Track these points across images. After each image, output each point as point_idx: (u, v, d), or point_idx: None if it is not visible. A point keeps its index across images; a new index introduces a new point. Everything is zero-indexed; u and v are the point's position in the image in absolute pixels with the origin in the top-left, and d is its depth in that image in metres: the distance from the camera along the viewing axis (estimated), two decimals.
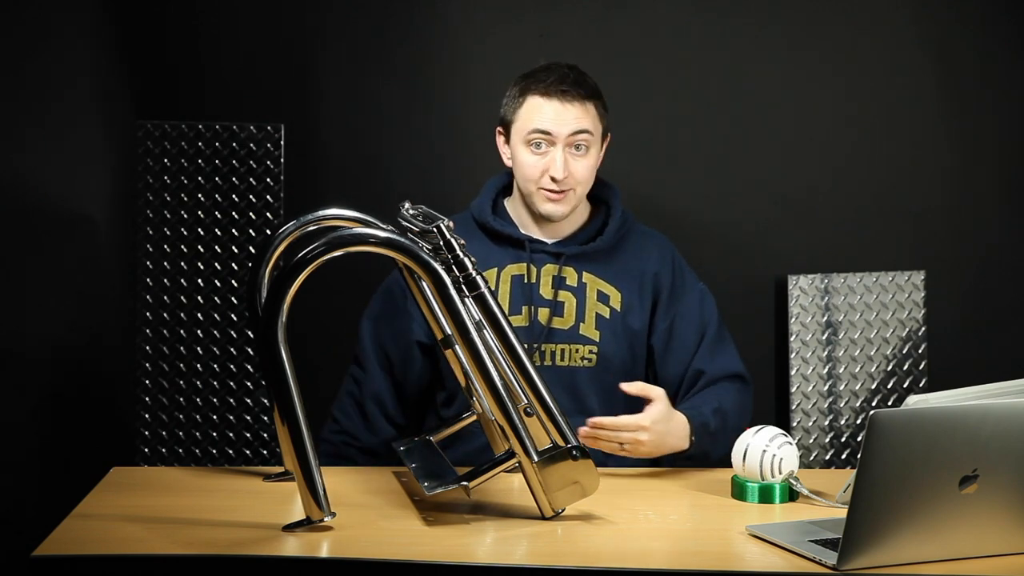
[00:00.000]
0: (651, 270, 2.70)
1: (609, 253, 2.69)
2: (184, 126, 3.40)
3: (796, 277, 3.48)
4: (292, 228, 2.36)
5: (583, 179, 2.63)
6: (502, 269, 2.64)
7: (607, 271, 2.67)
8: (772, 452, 2.22)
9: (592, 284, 2.64)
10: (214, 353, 3.39)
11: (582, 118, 2.61)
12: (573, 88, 2.61)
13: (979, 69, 3.53)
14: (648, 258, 2.71)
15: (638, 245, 2.73)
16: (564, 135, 2.59)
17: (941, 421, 1.84)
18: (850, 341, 3.49)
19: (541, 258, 2.64)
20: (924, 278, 3.52)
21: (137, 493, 2.26)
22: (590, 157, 2.64)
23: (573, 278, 2.64)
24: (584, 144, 2.61)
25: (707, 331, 2.69)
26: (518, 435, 2.07)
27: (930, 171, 3.55)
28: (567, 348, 2.61)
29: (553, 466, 2.07)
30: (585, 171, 2.63)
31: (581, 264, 2.65)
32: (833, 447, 3.48)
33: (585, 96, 2.63)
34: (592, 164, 2.66)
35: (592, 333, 2.62)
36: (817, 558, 1.88)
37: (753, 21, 3.51)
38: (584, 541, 2.03)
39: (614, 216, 2.71)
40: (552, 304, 2.61)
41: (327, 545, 1.96)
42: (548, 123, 2.59)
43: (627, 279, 2.67)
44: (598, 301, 2.63)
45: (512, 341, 2.15)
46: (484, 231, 2.69)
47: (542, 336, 2.61)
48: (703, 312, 2.71)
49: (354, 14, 3.45)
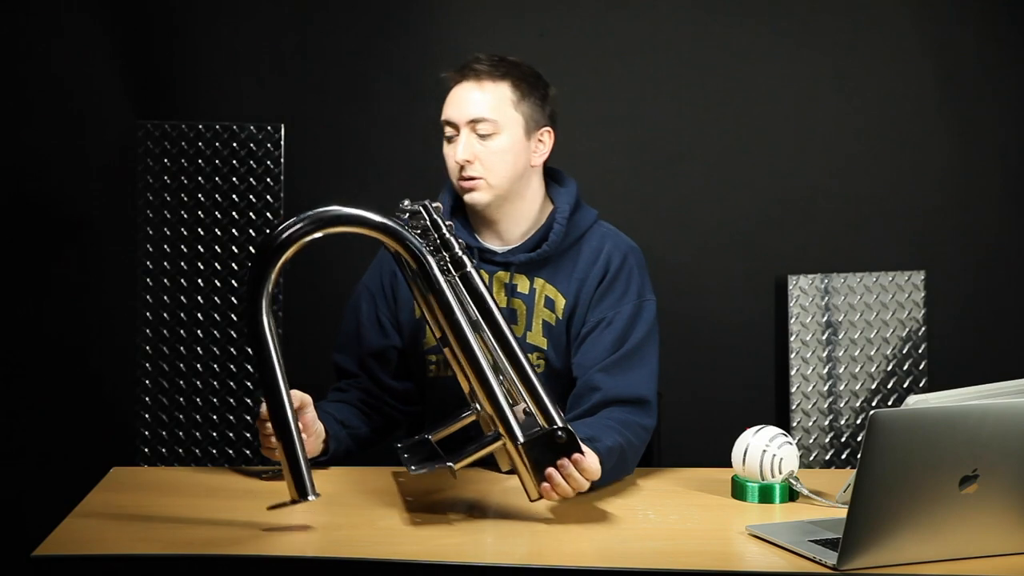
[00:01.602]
0: (595, 275, 2.55)
1: (558, 257, 2.55)
2: (184, 126, 3.39)
3: (796, 277, 3.48)
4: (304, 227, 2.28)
5: (492, 166, 2.48)
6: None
7: (555, 276, 2.54)
8: (772, 452, 2.22)
9: (541, 290, 2.53)
10: (214, 353, 3.39)
11: (481, 102, 2.48)
12: (481, 68, 2.49)
13: (979, 69, 3.53)
14: (596, 263, 2.55)
15: (591, 249, 2.57)
16: (463, 121, 2.50)
17: (941, 421, 1.84)
18: (850, 341, 3.49)
19: (492, 267, 2.57)
20: (924, 278, 3.52)
21: (137, 493, 2.26)
22: (498, 142, 2.48)
23: (525, 285, 2.54)
24: (487, 131, 2.47)
25: (624, 346, 2.49)
26: (502, 416, 2.05)
27: (930, 171, 3.55)
28: None
29: (538, 448, 2.05)
30: (493, 157, 2.48)
31: (533, 270, 2.54)
32: (833, 447, 3.48)
33: (494, 77, 2.49)
34: (501, 148, 2.49)
35: (539, 340, 2.53)
36: (817, 558, 1.88)
37: (753, 21, 3.51)
38: (584, 541, 2.03)
39: (559, 221, 2.55)
40: (506, 312, 2.54)
41: (327, 545, 1.96)
42: (449, 110, 2.50)
43: (572, 285, 2.54)
44: (545, 307, 2.53)
45: (498, 320, 2.12)
46: None
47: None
48: (630, 324, 2.51)
49: (354, 14, 3.45)
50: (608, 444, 2.26)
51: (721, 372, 3.57)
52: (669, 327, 3.57)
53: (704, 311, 3.57)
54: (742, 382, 3.56)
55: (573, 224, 2.57)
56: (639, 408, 2.44)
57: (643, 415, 2.44)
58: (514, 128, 2.50)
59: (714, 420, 3.47)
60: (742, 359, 3.57)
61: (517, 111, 2.51)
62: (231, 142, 3.40)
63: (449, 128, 2.50)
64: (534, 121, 2.53)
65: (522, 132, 2.52)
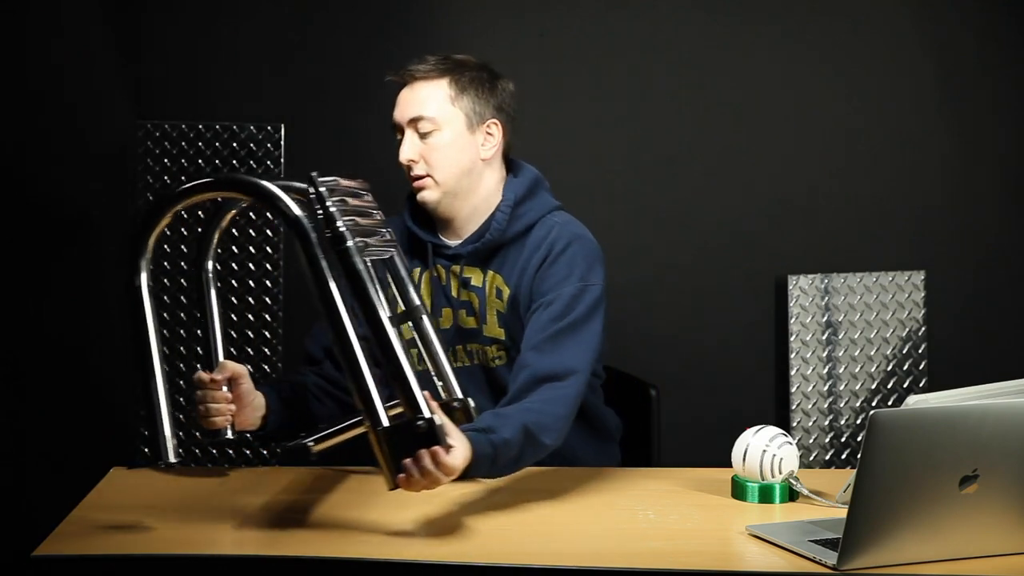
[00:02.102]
0: (536, 260, 2.51)
1: (508, 246, 2.53)
2: (184, 126, 3.40)
3: (796, 277, 3.48)
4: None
5: (436, 163, 2.48)
6: (423, 272, 2.59)
7: (503, 266, 2.53)
8: (772, 452, 2.22)
9: (492, 281, 2.53)
10: None
11: (417, 100, 2.48)
12: (420, 67, 2.49)
13: (979, 69, 3.54)
14: (538, 248, 2.51)
15: (538, 236, 2.53)
16: (404, 121, 2.51)
17: (941, 421, 1.84)
18: (850, 341, 3.49)
19: (445, 261, 2.57)
20: (924, 278, 3.52)
21: (137, 493, 2.26)
22: (438, 138, 2.48)
23: (478, 277, 2.54)
24: (427, 129, 2.47)
25: (561, 321, 2.42)
26: (366, 399, 1.98)
27: (930, 171, 3.55)
28: (481, 349, 2.55)
29: (398, 437, 1.97)
30: (436, 154, 2.48)
31: (483, 263, 2.54)
32: (833, 447, 3.48)
33: (432, 75, 2.49)
34: (443, 145, 2.48)
35: (496, 332, 2.53)
36: (817, 558, 1.88)
37: (753, 21, 3.51)
38: (584, 541, 2.03)
39: (502, 208, 2.52)
40: (463, 304, 2.55)
41: (327, 545, 1.96)
42: (394, 112, 2.51)
43: (515, 273, 2.52)
44: (496, 299, 2.53)
45: (372, 303, 2.03)
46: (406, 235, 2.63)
47: (459, 337, 2.56)
48: (570, 304, 2.44)
49: (354, 14, 3.45)
50: (505, 436, 2.19)
51: (721, 372, 3.57)
52: (670, 327, 3.59)
53: (704, 311, 3.57)
54: (742, 382, 3.57)
55: (518, 214, 2.53)
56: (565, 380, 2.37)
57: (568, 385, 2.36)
58: (454, 124, 2.49)
59: (714, 420, 3.48)
60: (742, 359, 3.57)
61: (456, 107, 2.49)
62: (231, 142, 3.40)
63: (397, 131, 2.51)
64: (476, 115, 2.50)
65: (464, 127, 2.50)
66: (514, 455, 2.22)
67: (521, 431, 2.23)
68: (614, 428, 2.68)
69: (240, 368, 2.33)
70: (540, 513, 2.17)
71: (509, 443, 2.20)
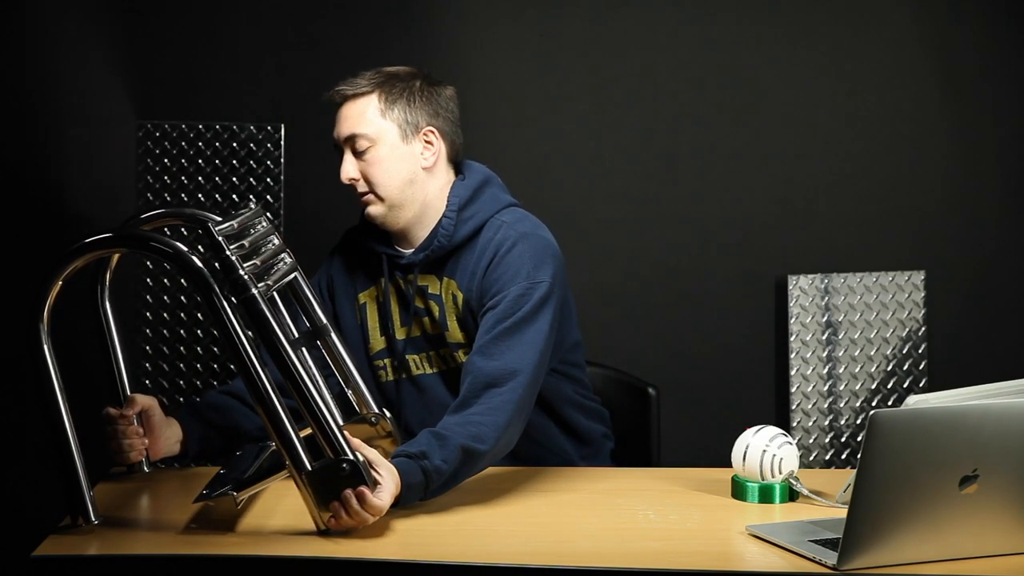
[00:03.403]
0: (483, 264, 2.48)
1: (460, 251, 2.51)
2: (184, 126, 3.40)
3: (796, 277, 3.48)
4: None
5: (376, 179, 2.46)
6: (388, 283, 2.57)
7: (456, 271, 2.51)
8: (772, 452, 2.22)
9: (447, 288, 2.51)
10: (214, 353, 3.39)
11: (347, 120, 2.48)
12: (345, 87, 2.49)
13: (979, 69, 3.54)
14: (484, 252, 2.48)
15: (486, 239, 2.49)
16: (340, 139, 2.51)
17: (941, 421, 1.84)
18: (850, 341, 3.49)
19: (401, 272, 2.55)
20: (924, 278, 3.52)
21: (137, 493, 2.26)
22: (374, 154, 2.46)
23: (435, 285, 2.52)
24: (362, 146, 2.46)
25: (504, 323, 2.38)
26: (288, 446, 1.99)
27: (930, 171, 3.55)
28: (448, 354, 2.53)
29: (324, 479, 1.98)
30: (373, 169, 2.46)
31: (437, 270, 2.51)
32: (833, 447, 3.48)
33: (358, 93, 2.49)
34: (379, 159, 2.46)
35: (459, 336, 2.51)
36: (817, 558, 1.88)
37: (753, 21, 3.51)
38: (584, 541, 2.03)
39: (447, 215, 2.50)
40: (425, 312, 2.54)
41: (327, 545, 1.96)
42: (333, 132, 2.50)
43: (466, 277, 2.50)
44: (453, 304, 2.50)
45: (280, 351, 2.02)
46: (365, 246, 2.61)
47: (429, 344, 2.55)
48: (515, 304, 2.40)
49: (354, 14, 3.45)
50: (437, 463, 2.16)
51: (721, 372, 3.57)
52: (670, 327, 3.58)
53: (704, 311, 3.57)
54: (742, 382, 3.57)
55: (465, 217, 2.50)
56: (507, 385, 2.32)
57: (509, 390, 2.31)
58: (387, 137, 2.46)
59: (714, 420, 3.48)
60: (742, 359, 3.57)
61: (387, 119, 2.47)
62: (231, 142, 3.40)
63: (337, 150, 2.50)
64: (410, 125, 2.48)
65: (398, 139, 2.47)
66: (447, 477, 2.19)
67: (459, 451, 2.19)
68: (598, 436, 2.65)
69: (148, 400, 2.37)
70: (540, 513, 2.17)
71: (441, 469, 2.16)
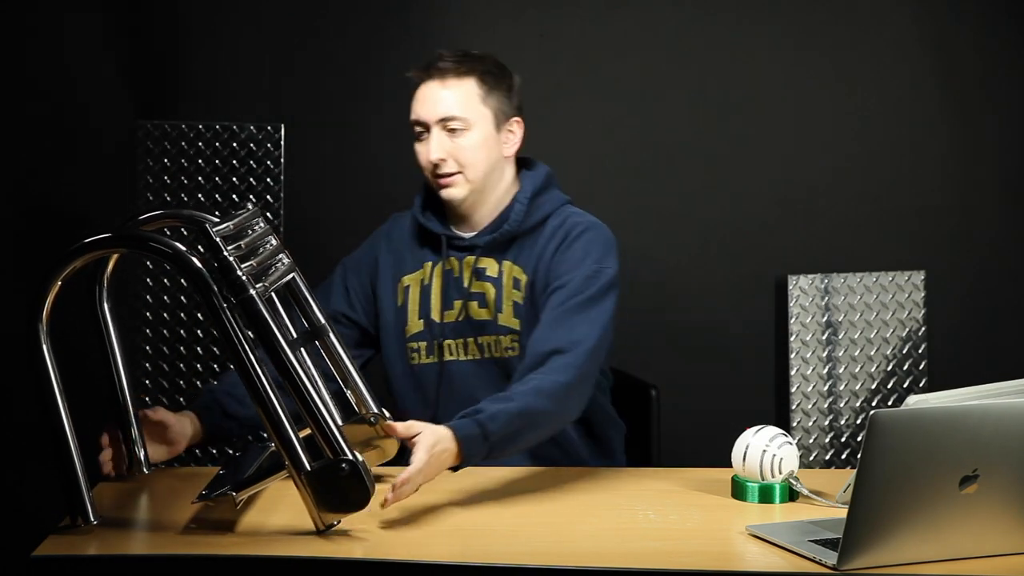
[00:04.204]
0: (552, 246, 2.54)
1: (524, 238, 2.56)
2: (184, 126, 3.40)
3: (796, 277, 3.48)
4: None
5: (468, 161, 2.51)
6: (435, 265, 2.61)
7: (519, 256, 2.56)
8: (772, 452, 2.22)
9: (509, 272, 2.55)
10: (214, 353, 3.39)
11: (448, 100, 2.50)
12: (446, 66, 2.51)
13: (979, 69, 3.54)
14: (554, 236, 2.55)
15: (554, 226, 2.57)
16: (433, 120, 2.53)
17: (941, 421, 1.84)
18: (850, 341, 3.50)
19: (460, 253, 2.59)
20: (924, 278, 3.52)
21: (136, 493, 2.26)
22: (470, 138, 2.51)
23: (494, 268, 2.56)
24: (458, 127, 2.50)
25: (571, 302, 2.44)
26: (287, 447, 1.99)
27: (930, 171, 3.55)
28: (494, 340, 2.56)
29: (323, 479, 1.99)
30: (467, 152, 2.51)
31: (499, 253, 2.56)
32: (833, 447, 3.48)
33: (459, 73, 2.51)
34: (473, 144, 2.51)
35: (511, 322, 2.55)
36: (817, 558, 1.88)
37: (753, 21, 3.51)
38: (584, 541, 2.03)
39: (520, 199, 2.56)
40: (475, 296, 2.57)
41: (327, 545, 1.96)
42: (418, 110, 2.52)
43: (542, 262, 2.54)
44: (513, 288, 2.55)
45: (279, 351, 2.02)
46: (417, 228, 2.66)
47: (469, 330, 2.57)
48: (584, 284, 2.47)
49: (354, 14, 3.45)
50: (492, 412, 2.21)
51: (721, 372, 3.57)
52: (670, 327, 3.59)
53: (704, 311, 3.57)
54: (742, 382, 3.57)
55: (536, 205, 2.57)
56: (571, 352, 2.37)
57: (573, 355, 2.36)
58: (484, 123, 2.52)
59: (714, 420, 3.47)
60: (742, 359, 3.57)
61: (485, 106, 2.52)
62: (231, 142, 3.40)
63: (419, 127, 2.53)
64: (503, 114, 2.55)
65: (492, 126, 2.54)
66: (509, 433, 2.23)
67: (518, 408, 2.25)
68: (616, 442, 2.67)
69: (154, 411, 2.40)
70: (540, 513, 2.17)
71: (498, 418, 2.21)
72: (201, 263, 2.02)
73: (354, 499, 2.00)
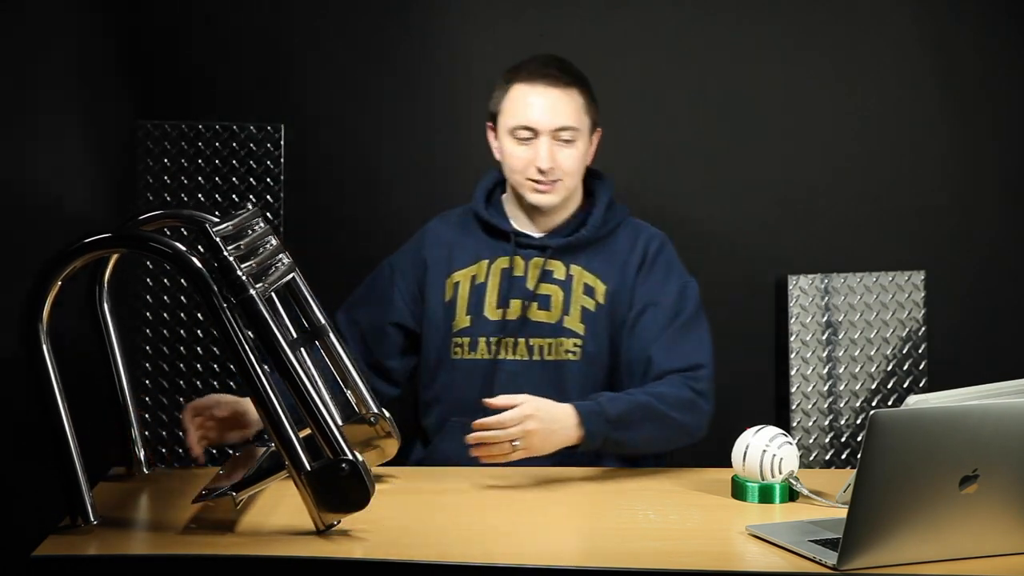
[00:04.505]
0: (635, 261, 2.65)
1: (596, 245, 2.65)
2: (184, 126, 3.40)
3: (796, 277, 3.48)
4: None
5: (571, 170, 2.61)
6: (492, 262, 2.64)
7: (592, 263, 2.63)
8: (772, 452, 2.22)
9: (579, 276, 2.61)
10: (214, 353, 3.39)
11: (564, 110, 2.58)
12: (556, 74, 2.59)
13: (979, 69, 3.53)
14: (634, 249, 2.66)
15: (627, 237, 2.68)
16: (548, 128, 2.57)
17: (941, 421, 1.84)
18: (850, 341, 3.49)
19: (528, 252, 2.63)
20: (924, 278, 3.52)
21: (136, 493, 2.26)
22: (576, 148, 2.61)
23: (561, 271, 2.62)
24: (569, 137, 2.59)
25: (676, 320, 2.60)
26: (287, 447, 1.99)
27: (930, 171, 3.55)
28: (553, 342, 2.59)
29: (323, 479, 1.99)
30: (571, 161, 2.60)
31: (568, 256, 2.62)
32: (833, 447, 3.48)
33: (568, 83, 2.60)
34: (579, 155, 2.62)
35: (576, 326, 2.59)
36: (817, 558, 1.88)
37: (753, 21, 3.51)
38: (584, 541, 2.03)
39: (598, 207, 2.67)
40: (538, 297, 2.60)
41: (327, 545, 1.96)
42: (532, 115, 2.58)
43: (613, 271, 2.63)
44: (584, 294, 2.60)
45: (279, 351, 2.03)
46: (479, 223, 2.69)
47: (524, 329, 2.59)
48: (679, 302, 2.62)
49: (354, 14, 3.45)
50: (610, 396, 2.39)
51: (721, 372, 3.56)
52: None
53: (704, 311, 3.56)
54: (742, 382, 3.56)
55: (611, 214, 2.67)
56: (693, 372, 2.52)
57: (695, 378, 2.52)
58: (586, 133, 2.64)
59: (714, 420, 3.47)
60: (742, 359, 3.56)
61: (587, 116, 2.64)
62: (231, 142, 3.40)
63: (525, 132, 2.56)
64: (595, 124, 2.67)
65: (588, 135, 2.65)
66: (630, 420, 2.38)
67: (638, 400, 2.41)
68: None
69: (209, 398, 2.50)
70: (540, 513, 2.18)
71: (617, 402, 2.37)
72: (201, 263, 2.02)
73: (354, 499, 2.00)
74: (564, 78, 2.59)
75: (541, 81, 2.58)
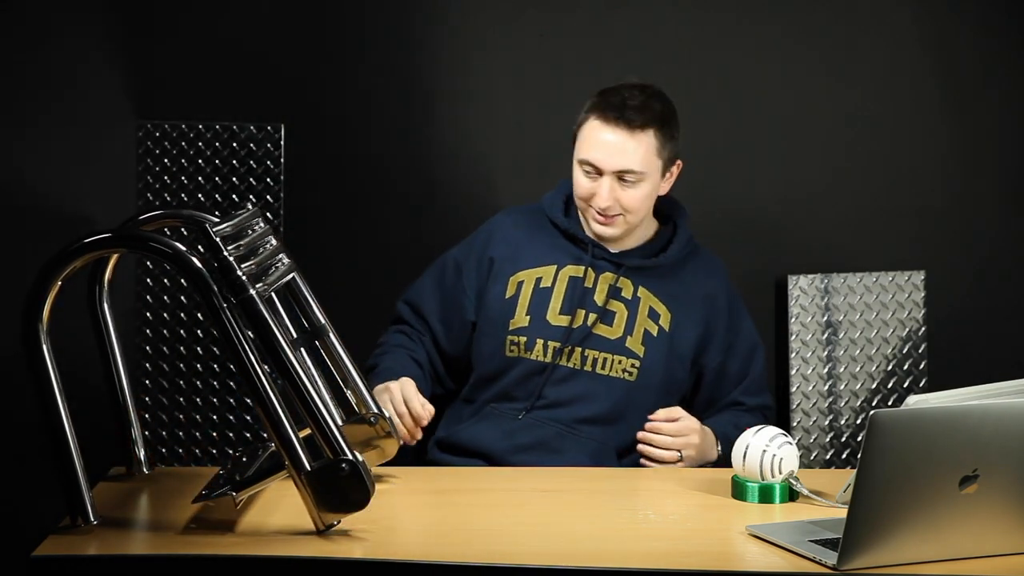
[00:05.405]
0: (708, 296, 2.69)
1: (668, 272, 2.67)
2: (184, 126, 3.40)
3: (796, 277, 3.48)
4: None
5: (633, 208, 2.59)
6: (561, 267, 2.64)
7: (663, 289, 2.65)
8: (772, 452, 2.22)
9: (646, 299, 2.62)
10: (214, 353, 3.39)
11: (632, 156, 2.56)
12: (631, 116, 2.57)
13: (979, 69, 3.54)
14: (706, 283, 2.70)
15: (698, 268, 2.71)
16: (610, 170, 2.57)
17: (941, 421, 1.84)
18: (850, 341, 3.50)
19: (602, 264, 2.63)
20: (924, 278, 3.52)
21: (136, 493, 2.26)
22: (640, 188, 2.59)
23: (629, 290, 2.62)
24: (633, 180, 2.57)
25: (753, 368, 2.72)
26: (287, 447, 1.99)
27: (930, 171, 3.55)
28: (610, 358, 2.60)
29: (323, 479, 1.99)
30: (634, 201, 2.59)
31: (639, 278, 2.63)
32: (833, 447, 3.48)
33: (642, 125, 2.57)
34: (643, 194, 2.60)
35: (637, 348, 2.60)
36: (817, 558, 1.88)
37: (753, 21, 3.51)
38: (584, 541, 2.03)
39: (680, 236, 2.69)
40: (603, 312, 2.60)
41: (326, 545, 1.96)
42: (596, 155, 2.57)
43: (682, 301, 2.65)
44: (648, 317, 2.61)
45: (279, 350, 2.02)
46: (554, 226, 2.69)
47: (585, 341, 2.59)
48: (754, 347, 2.74)
49: (354, 14, 3.45)
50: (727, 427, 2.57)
51: None
52: None
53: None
54: None
55: (688, 242, 2.70)
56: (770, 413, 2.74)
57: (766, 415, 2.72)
58: (655, 174, 2.61)
59: None
60: None
61: (659, 158, 2.60)
62: (231, 142, 3.40)
63: (588, 167, 2.56)
64: (671, 161, 2.64)
65: (659, 174, 2.62)
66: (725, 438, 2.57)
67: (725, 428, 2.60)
68: None
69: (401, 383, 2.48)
70: (540, 513, 2.18)
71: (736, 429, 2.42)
72: (201, 263, 2.02)
73: (354, 499, 2.00)
74: (638, 120, 2.57)
75: (614, 121, 2.57)
